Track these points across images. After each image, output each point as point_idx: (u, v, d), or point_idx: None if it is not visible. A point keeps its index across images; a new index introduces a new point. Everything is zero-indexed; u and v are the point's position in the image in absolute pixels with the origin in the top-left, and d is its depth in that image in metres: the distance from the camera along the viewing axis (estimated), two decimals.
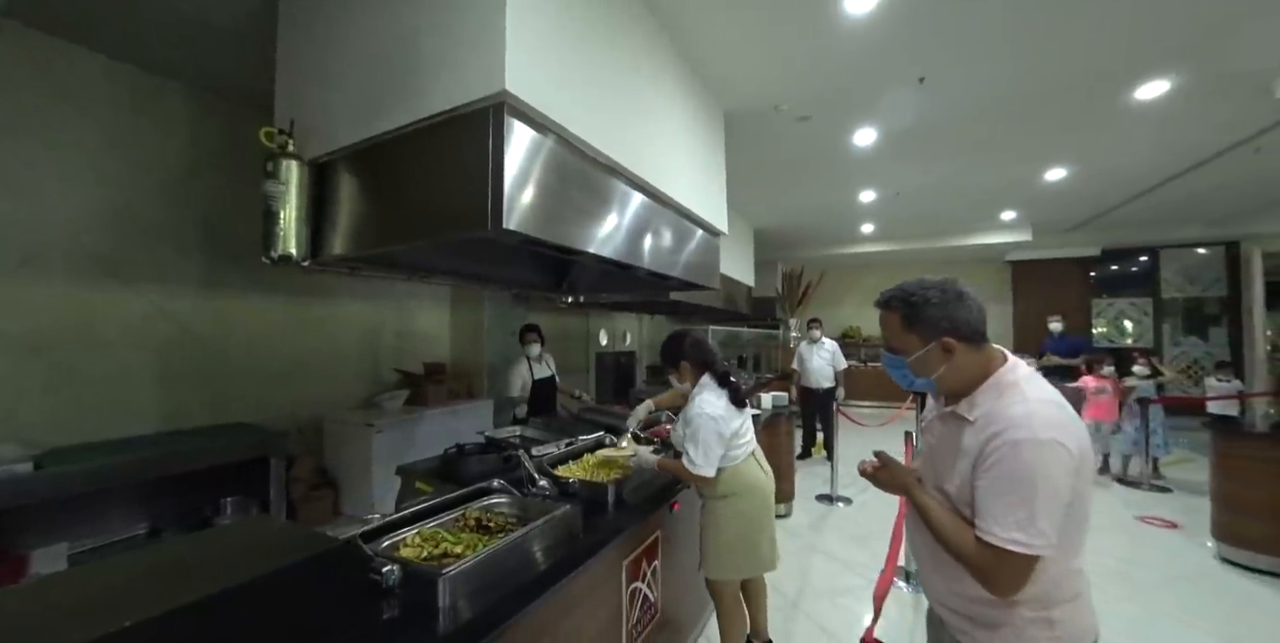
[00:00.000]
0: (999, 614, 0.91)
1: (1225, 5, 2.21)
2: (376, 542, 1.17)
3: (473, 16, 1.51)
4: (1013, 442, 0.85)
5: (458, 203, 1.57)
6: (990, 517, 0.85)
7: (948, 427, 0.99)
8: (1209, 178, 4.51)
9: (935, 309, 0.96)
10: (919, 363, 0.99)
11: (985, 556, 0.85)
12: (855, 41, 2.49)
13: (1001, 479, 0.85)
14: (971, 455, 0.90)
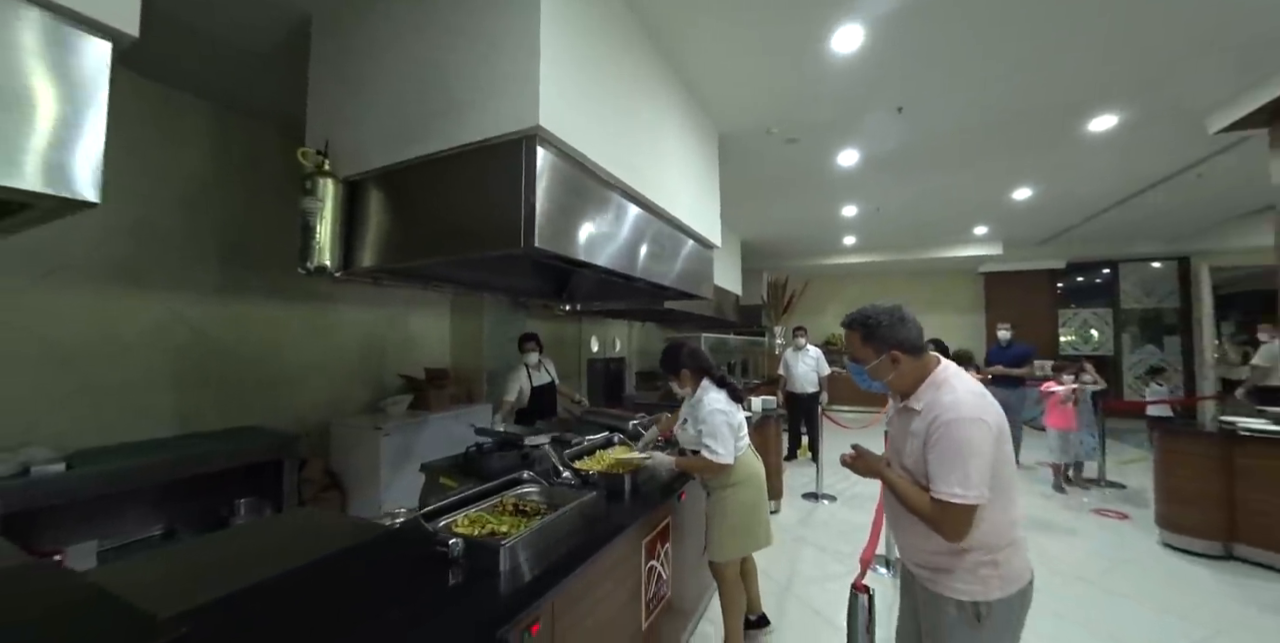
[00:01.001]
0: (955, 561, 1.17)
1: (1161, 52, 2.53)
2: (432, 523, 1.34)
3: (507, 58, 1.71)
4: (946, 422, 1.13)
5: (489, 223, 1.75)
6: (938, 480, 1.12)
7: (903, 417, 1.27)
8: (1159, 199, 4.91)
9: (885, 330, 1.25)
10: (874, 370, 1.29)
11: (937, 509, 1.12)
12: (841, 75, 2.75)
13: (943, 451, 1.13)
14: (921, 436, 1.18)
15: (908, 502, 1.19)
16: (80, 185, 1.10)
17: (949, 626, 1.18)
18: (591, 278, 3.00)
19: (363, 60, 2.09)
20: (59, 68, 1.07)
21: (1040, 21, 2.28)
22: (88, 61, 1.12)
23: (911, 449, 1.21)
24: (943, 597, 1.19)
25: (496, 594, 1.09)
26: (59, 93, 1.06)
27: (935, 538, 1.15)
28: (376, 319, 4.12)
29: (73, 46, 1.07)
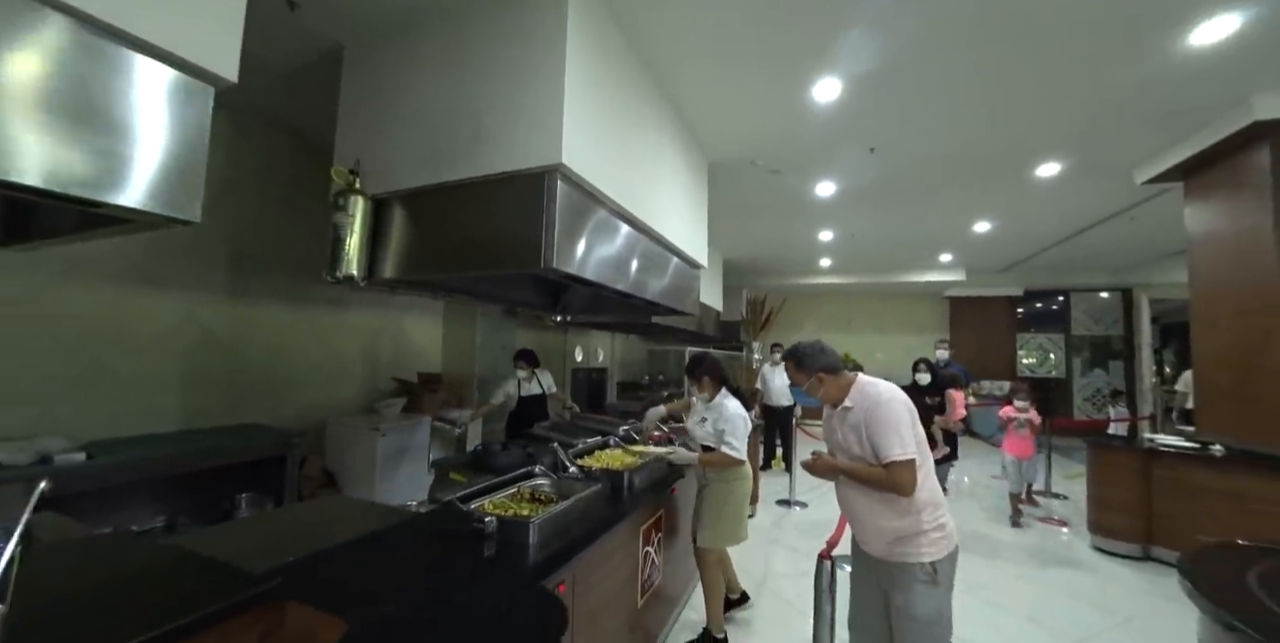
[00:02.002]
0: (915, 524, 1.48)
1: (1091, 114, 2.95)
2: (465, 506, 1.54)
3: (532, 100, 1.95)
4: (875, 405, 1.52)
5: (509, 244, 1.98)
6: (883, 447, 1.47)
7: (840, 418, 1.62)
8: (1101, 236, 5.44)
9: (809, 359, 1.66)
10: (808, 389, 1.67)
11: (893, 470, 1.45)
12: (820, 119, 3.09)
13: (880, 425, 1.49)
14: (860, 426, 1.54)
15: (866, 477, 1.51)
16: (187, 208, 1.30)
17: (916, 589, 1.46)
18: (584, 292, 3.23)
19: (393, 90, 2.31)
20: (172, 107, 1.27)
21: (991, 82, 2.65)
22: (195, 102, 1.33)
23: (856, 438, 1.54)
24: (908, 564, 1.47)
25: (528, 561, 1.31)
26: (172, 128, 1.27)
27: (895, 511, 1.48)
28: (373, 325, 4.26)
29: (182, 89, 1.27)
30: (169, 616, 0.96)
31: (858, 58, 2.47)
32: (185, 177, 1.30)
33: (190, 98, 1.31)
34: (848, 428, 1.57)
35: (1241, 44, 2.28)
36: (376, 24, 2.32)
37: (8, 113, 1.00)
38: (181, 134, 1.29)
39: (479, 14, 2.12)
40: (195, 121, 1.32)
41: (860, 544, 1.65)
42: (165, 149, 1.26)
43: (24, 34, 1.03)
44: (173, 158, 1.27)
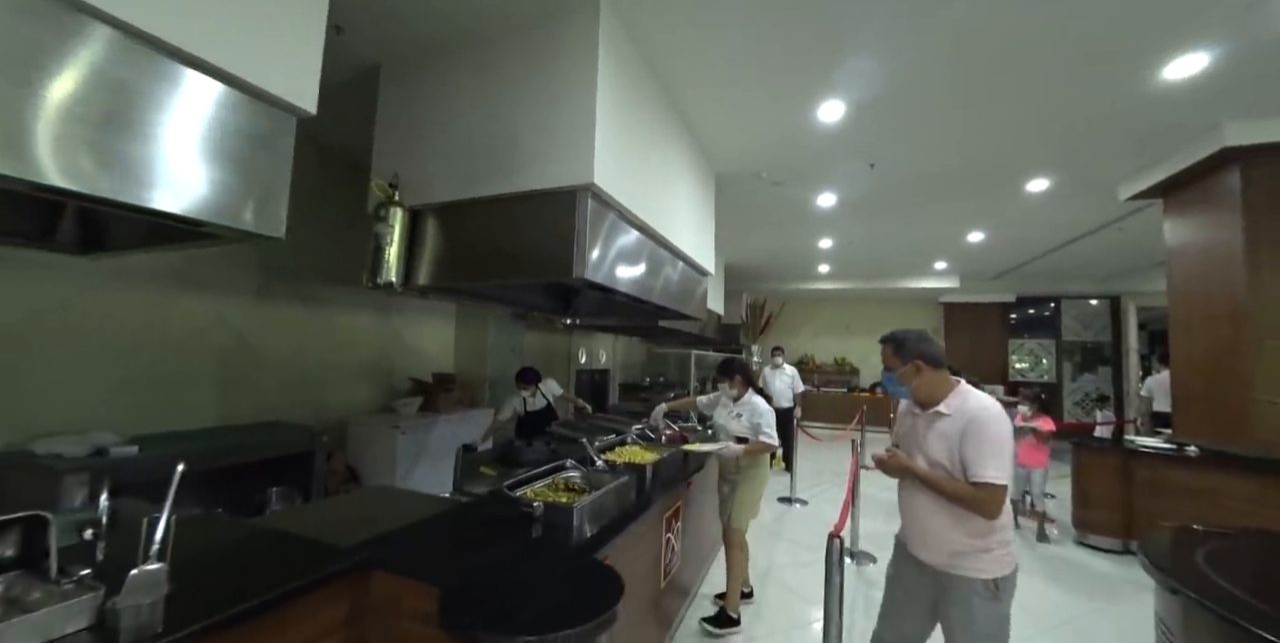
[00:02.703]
0: (985, 542, 1.43)
1: (1076, 134, 3.18)
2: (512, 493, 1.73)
3: (566, 124, 2.13)
4: (984, 420, 1.42)
5: (542, 255, 2.16)
6: (981, 466, 1.38)
7: (927, 422, 1.53)
8: (1090, 246, 5.69)
9: (911, 344, 1.58)
10: (901, 375, 1.58)
11: (983, 492, 1.37)
12: (824, 137, 3.30)
13: (981, 443, 1.39)
14: (955, 434, 1.44)
15: (947, 490, 1.43)
16: (274, 226, 1.48)
17: (974, 603, 1.41)
18: (595, 297, 3.41)
19: (428, 108, 2.48)
20: (264, 138, 1.45)
21: (984, 106, 2.87)
22: (281, 132, 1.51)
23: (945, 447, 1.46)
24: (967, 579, 1.42)
25: (572, 541, 1.50)
26: (263, 157, 1.45)
27: (968, 525, 1.42)
28: (388, 327, 4.43)
29: (271, 121, 1.45)
30: (289, 577, 1.15)
31: (861, 83, 2.68)
32: (273, 199, 1.48)
33: (278, 128, 1.50)
34: (936, 434, 1.49)
35: (1211, 78, 2.51)
36: (413, 46, 2.50)
37: (143, 150, 1.18)
38: (270, 161, 1.48)
39: (511, 39, 2.30)
40: (282, 150, 1.51)
41: (913, 549, 1.58)
42: (258, 175, 1.44)
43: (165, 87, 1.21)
44: (263, 183, 1.46)
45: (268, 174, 1.47)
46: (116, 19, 1.11)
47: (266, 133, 1.46)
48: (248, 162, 1.41)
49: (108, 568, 1.03)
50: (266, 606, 1.08)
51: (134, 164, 1.18)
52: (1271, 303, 2.93)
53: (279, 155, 1.50)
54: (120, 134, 1.15)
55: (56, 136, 1.05)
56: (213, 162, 1.33)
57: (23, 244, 1.82)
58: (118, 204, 1.18)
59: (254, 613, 1.06)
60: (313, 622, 1.18)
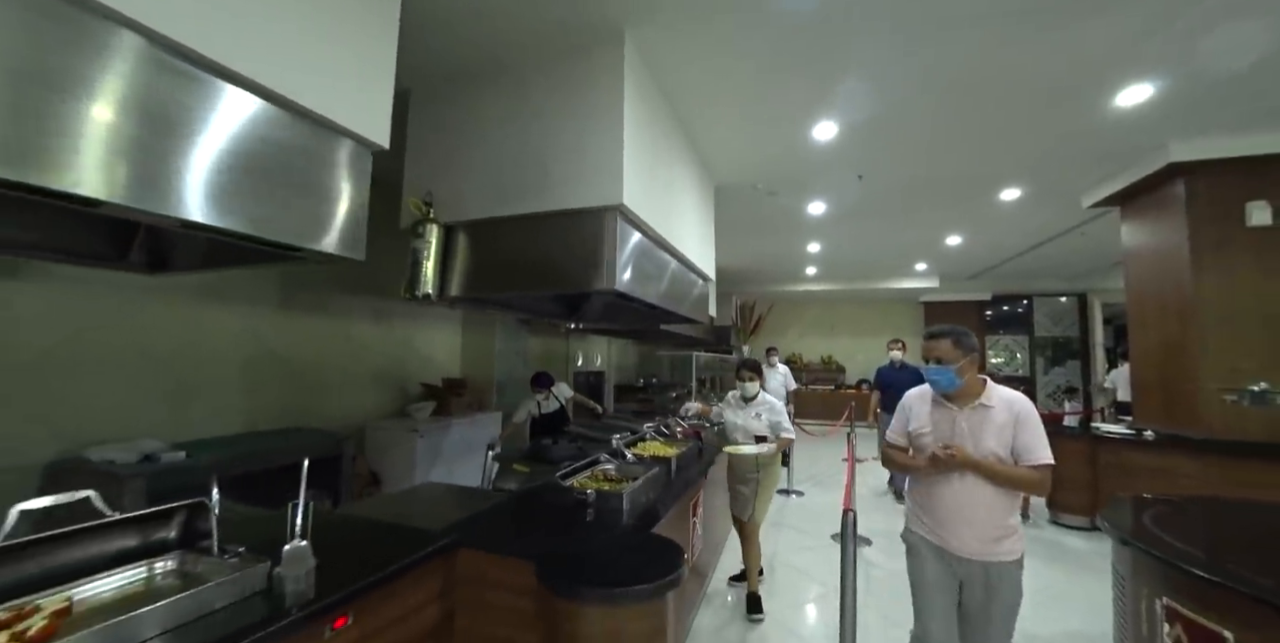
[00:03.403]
0: (1017, 522, 1.62)
1: (1042, 149, 3.53)
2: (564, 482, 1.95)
3: (595, 147, 2.35)
4: (1030, 408, 1.60)
5: (574, 269, 2.37)
6: (1039, 449, 1.54)
7: (977, 415, 1.62)
8: (1058, 248, 6.13)
9: (968, 339, 1.67)
10: (961, 369, 1.63)
11: (1044, 472, 1.53)
12: (816, 153, 3.60)
13: (1034, 428, 1.56)
14: (1007, 425, 1.57)
15: (1009, 476, 1.54)
16: (357, 249, 1.68)
17: (1015, 580, 1.59)
18: (601, 302, 3.62)
19: (459, 132, 2.68)
20: (347, 170, 1.65)
21: (963, 126, 3.19)
22: (360, 164, 1.71)
23: (996, 437, 1.57)
24: (1008, 563, 1.58)
25: (622, 522, 1.73)
26: (347, 187, 1.65)
27: (1011, 508, 1.59)
28: (400, 335, 4.59)
29: (353, 155, 1.65)
30: (400, 555, 1.36)
31: (853, 107, 2.97)
32: (356, 225, 1.68)
33: (358, 161, 1.70)
34: (988, 426, 1.58)
35: (1156, 104, 2.87)
36: (442, 73, 2.69)
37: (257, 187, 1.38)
38: (352, 191, 1.68)
39: (539, 68, 2.51)
40: (361, 180, 1.71)
41: (952, 544, 1.62)
42: (342, 204, 1.64)
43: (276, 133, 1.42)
44: (346, 211, 1.66)
45: (351, 202, 1.67)
46: (253, 82, 1.31)
47: (349, 166, 1.66)
48: (334, 192, 1.62)
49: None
50: (389, 577, 1.29)
51: (251, 200, 1.37)
52: (1212, 301, 3.32)
53: (359, 185, 1.70)
54: (243, 176, 1.35)
55: (200, 181, 1.25)
56: (307, 194, 1.53)
57: (100, 265, 1.98)
58: (236, 235, 1.37)
59: (381, 582, 1.27)
60: (421, 591, 1.40)
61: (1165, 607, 1.39)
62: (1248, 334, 3.27)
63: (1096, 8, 2.12)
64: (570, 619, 1.24)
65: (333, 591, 1.18)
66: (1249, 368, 3.20)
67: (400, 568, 1.32)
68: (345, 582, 1.21)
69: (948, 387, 1.66)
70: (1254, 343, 3.26)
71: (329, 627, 1.15)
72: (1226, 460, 3.09)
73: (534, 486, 1.96)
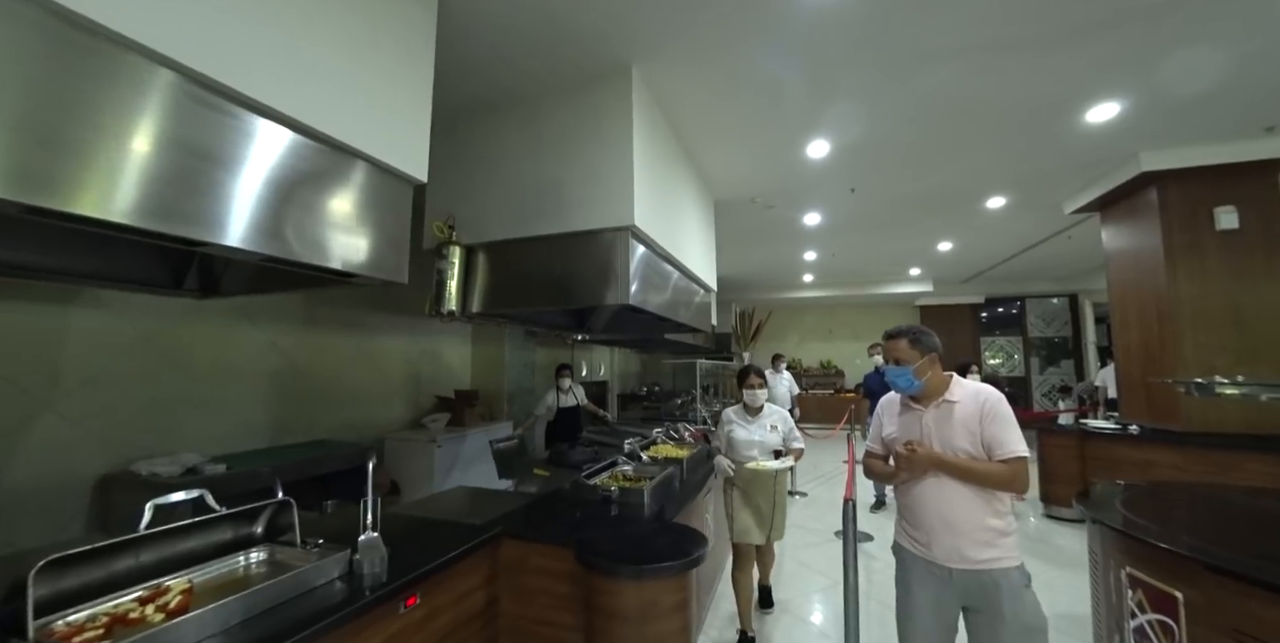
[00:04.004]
0: (1006, 526, 1.48)
1: (1024, 164, 3.77)
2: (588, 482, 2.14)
3: (607, 173, 2.57)
4: (997, 399, 1.51)
5: (589, 285, 2.58)
6: (1009, 442, 1.45)
7: (942, 412, 1.55)
8: (1045, 251, 6.38)
9: (926, 338, 1.60)
10: (919, 368, 1.57)
11: (1017, 466, 1.43)
12: (811, 169, 3.83)
13: (1003, 420, 1.47)
14: (973, 419, 1.50)
15: (980, 473, 1.45)
16: (401, 273, 1.88)
17: (1016, 593, 1.42)
18: (607, 313, 3.81)
19: (479, 159, 2.91)
20: (393, 204, 1.85)
21: (949, 142, 3.44)
22: (403, 198, 1.92)
23: (967, 433, 1.49)
24: (1004, 570, 1.43)
25: (645, 515, 1.92)
26: (392, 219, 1.85)
27: (994, 506, 1.47)
28: (413, 348, 4.78)
29: (381, 184, 1.85)
30: (455, 544, 1.55)
31: (845, 129, 3.21)
32: (400, 251, 1.89)
33: (400, 195, 1.91)
34: (954, 423, 1.51)
35: (1124, 119, 3.11)
36: (463, 105, 2.92)
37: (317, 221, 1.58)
38: (396, 222, 1.88)
39: (554, 100, 2.75)
40: (404, 211, 1.92)
41: (938, 553, 1.50)
42: (388, 233, 1.85)
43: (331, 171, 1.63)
44: (391, 239, 1.86)
45: (395, 232, 1.88)
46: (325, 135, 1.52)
47: (393, 199, 1.87)
48: (381, 223, 1.82)
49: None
50: (449, 562, 1.48)
51: (318, 235, 1.58)
52: (1186, 300, 3.55)
53: (402, 216, 1.91)
54: (312, 214, 1.55)
55: (282, 222, 1.45)
56: (359, 225, 1.74)
57: (159, 292, 2.18)
58: (308, 266, 1.57)
59: (442, 567, 1.46)
60: (472, 576, 1.59)
61: (1128, 575, 1.59)
62: (1221, 332, 3.50)
63: (1059, 42, 2.37)
64: (608, 595, 1.43)
65: (402, 575, 1.37)
66: (1223, 364, 3.42)
67: (457, 555, 1.51)
68: (412, 567, 1.40)
69: (907, 387, 1.61)
70: (1227, 340, 3.49)
71: (402, 605, 1.34)
72: (1204, 451, 3.30)
73: (561, 485, 2.15)
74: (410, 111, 1.91)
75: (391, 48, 1.82)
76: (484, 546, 1.63)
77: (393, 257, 1.86)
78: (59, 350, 2.58)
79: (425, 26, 2.01)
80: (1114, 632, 1.72)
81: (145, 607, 1.08)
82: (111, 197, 1.08)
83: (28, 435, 2.47)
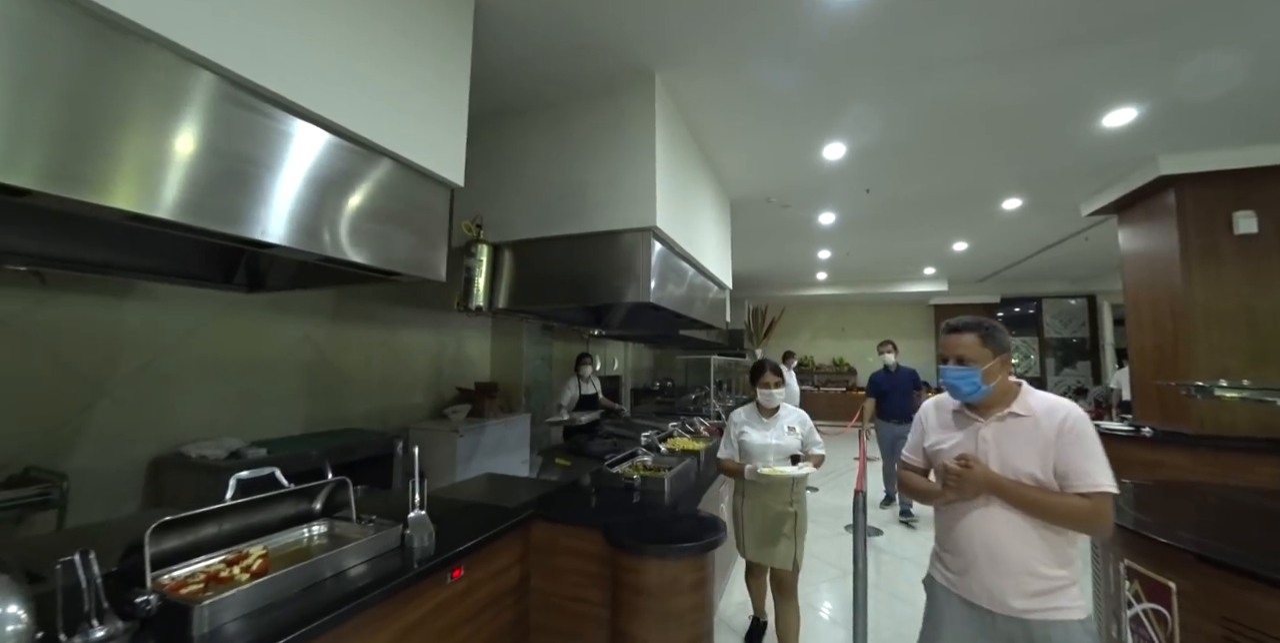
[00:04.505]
0: (1070, 571, 1.20)
1: (1041, 166, 3.81)
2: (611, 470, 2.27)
3: (631, 176, 2.67)
4: (1079, 418, 1.20)
5: (611, 283, 2.70)
6: (1093, 473, 1.16)
7: (1006, 427, 1.27)
8: (1062, 252, 6.38)
9: (1000, 334, 1.32)
10: (990, 371, 1.29)
11: (1100, 502, 1.15)
12: (826, 169, 3.91)
13: (1087, 445, 1.18)
14: (1046, 439, 1.21)
15: (1047, 507, 1.18)
16: (438, 272, 2.01)
17: None
18: (623, 309, 3.94)
19: (506, 161, 3.03)
20: (434, 207, 1.98)
21: (964, 145, 3.50)
22: (443, 201, 2.04)
23: (1037, 456, 1.21)
24: (1065, 623, 1.17)
25: (665, 502, 2.05)
26: (428, 219, 1.98)
27: (1056, 555, 1.20)
28: (434, 342, 4.94)
29: (422, 188, 1.97)
30: (493, 524, 1.69)
31: (859, 131, 3.28)
32: (438, 251, 2.02)
33: (439, 199, 2.03)
34: (1020, 442, 1.24)
35: (1141, 124, 3.15)
36: (492, 109, 3.04)
37: (374, 226, 1.72)
38: (436, 223, 2.01)
39: (579, 106, 2.86)
40: (442, 214, 2.05)
41: (980, 596, 1.26)
42: (428, 235, 1.98)
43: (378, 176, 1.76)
44: (431, 240, 1.99)
45: (434, 233, 2.01)
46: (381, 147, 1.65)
47: (433, 203, 2.00)
48: (422, 225, 1.95)
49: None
50: (489, 539, 1.62)
51: (371, 237, 1.71)
52: (1201, 303, 3.58)
53: (440, 218, 2.04)
54: (368, 219, 1.69)
55: (339, 225, 1.59)
56: (402, 227, 1.87)
57: (209, 286, 2.33)
58: (353, 264, 1.71)
59: (483, 544, 1.60)
60: (508, 553, 1.73)
61: (1126, 567, 1.69)
62: (1234, 335, 3.53)
63: (1072, 48, 2.42)
64: (634, 572, 1.56)
65: (449, 549, 1.51)
66: (1236, 366, 3.46)
67: (495, 533, 1.65)
68: (456, 543, 1.54)
69: (970, 392, 1.32)
70: (1240, 343, 3.52)
71: (449, 576, 1.48)
72: (1215, 454, 3.35)
73: (582, 475, 2.28)
74: (448, 121, 2.04)
75: (432, 62, 1.95)
76: (518, 527, 1.77)
77: (432, 256, 1.99)
78: (115, 341, 2.76)
79: (461, 42, 2.14)
80: (1112, 621, 1.82)
81: (232, 568, 1.22)
82: (190, 202, 1.20)
83: (89, 420, 2.66)
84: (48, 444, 2.49)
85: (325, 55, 1.52)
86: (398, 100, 1.79)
